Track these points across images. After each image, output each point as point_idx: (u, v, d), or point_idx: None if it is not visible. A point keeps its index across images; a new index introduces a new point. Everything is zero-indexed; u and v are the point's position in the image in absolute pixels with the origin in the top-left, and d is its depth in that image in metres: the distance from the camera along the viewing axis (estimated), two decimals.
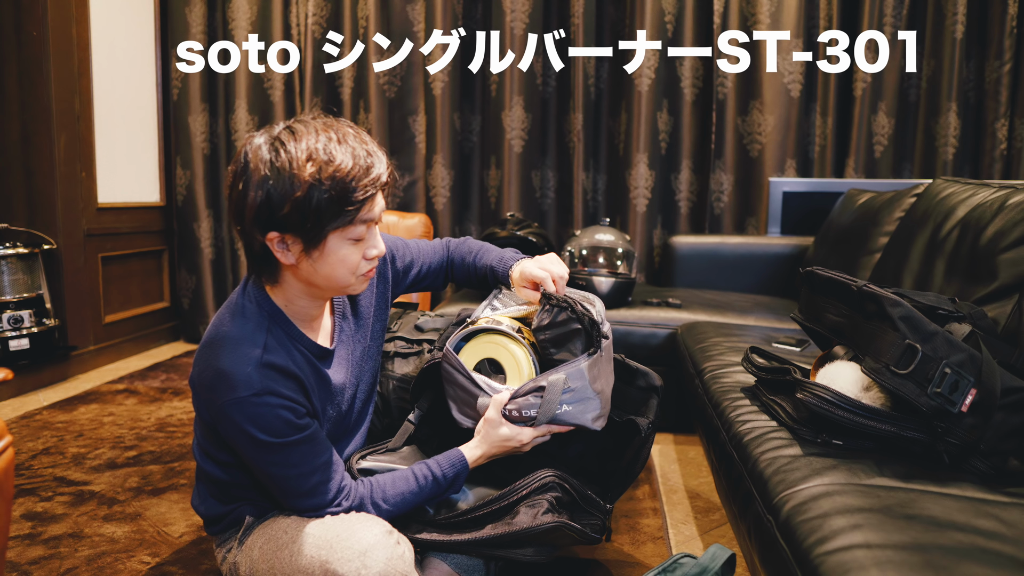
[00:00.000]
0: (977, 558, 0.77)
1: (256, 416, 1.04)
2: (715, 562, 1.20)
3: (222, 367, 1.05)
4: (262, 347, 1.07)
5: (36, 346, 2.74)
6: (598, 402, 1.20)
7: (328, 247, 1.05)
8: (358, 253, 1.09)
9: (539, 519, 1.15)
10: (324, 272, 1.08)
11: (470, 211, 3.54)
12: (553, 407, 1.16)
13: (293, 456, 1.08)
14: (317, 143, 1.02)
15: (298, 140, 1.02)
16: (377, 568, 1.02)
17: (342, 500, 1.13)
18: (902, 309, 1.05)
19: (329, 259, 1.06)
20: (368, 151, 1.06)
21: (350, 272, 1.09)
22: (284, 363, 1.09)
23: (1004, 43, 3.00)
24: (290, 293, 1.13)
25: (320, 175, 1.00)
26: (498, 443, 1.21)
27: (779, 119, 3.21)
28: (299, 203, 1.00)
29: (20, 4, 2.82)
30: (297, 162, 1.00)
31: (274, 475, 1.10)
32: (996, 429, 1.02)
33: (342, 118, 1.11)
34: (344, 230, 1.05)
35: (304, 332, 1.16)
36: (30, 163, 2.89)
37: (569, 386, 1.17)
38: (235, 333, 1.08)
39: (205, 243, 3.62)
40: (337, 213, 1.02)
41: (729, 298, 2.63)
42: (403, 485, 1.18)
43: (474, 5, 3.41)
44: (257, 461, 1.09)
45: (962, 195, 1.70)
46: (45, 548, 1.54)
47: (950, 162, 3.12)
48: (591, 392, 1.18)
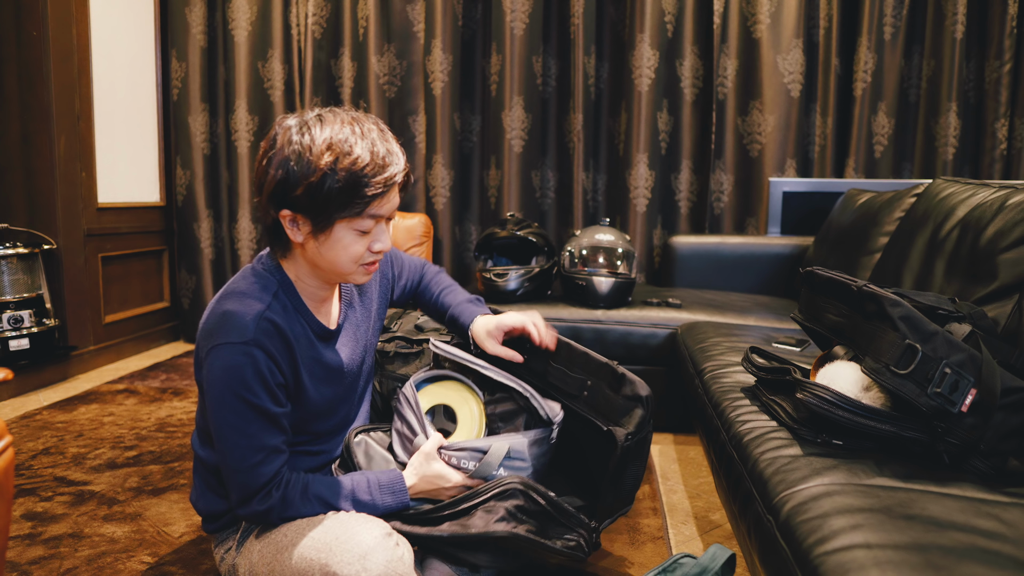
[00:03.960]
0: (977, 558, 0.77)
1: (237, 366, 1.06)
2: (715, 562, 1.20)
3: (225, 311, 1.09)
4: (266, 304, 1.11)
5: (36, 346, 2.74)
6: (530, 472, 1.26)
7: (334, 234, 1.09)
8: (363, 245, 1.11)
9: (491, 526, 1.13)
10: (328, 257, 1.11)
11: (470, 211, 3.54)
12: (490, 469, 1.21)
13: (252, 425, 1.08)
14: (340, 134, 1.06)
15: (323, 127, 1.06)
16: (377, 570, 1.02)
17: (272, 489, 1.11)
18: (902, 309, 1.05)
19: (334, 245, 1.10)
20: (388, 150, 1.09)
21: (352, 261, 1.12)
22: (283, 324, 1.12)
23: (1004, 43, 3.00)
24: (299, 269, 1.17)
25: (336, 164, 1.04)
26: (430, 478, 1.20)
27: (779, 119, 3.21)
28: (312, 187, 1.04)
29: (20, 4, 2.82)
30: (317, 148, 1.04)
31: (226, 438, 1.09)
32: (996, 429, 1.02)
33: (371, 115, 1.14)
34: (352, 220, 1.08)
35: (311, 311, 1.19)
36: (30, 163, 2.89)
37: (510, 455, 1.23)
38: (244, 288, 1.13)
39: (205, 243, 3.62)
40: (346, 204, 1.06)
41: (729, 298, 2.63)
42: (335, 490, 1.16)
43: (474, 5, 3.41)
44: (218, 417, 1.09)
45: (962, 195, 1.70)
46: (45, 548, 1.54)
47: (950, 162, 3.12)
48: (528, 464, 1.25)
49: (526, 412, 1.31)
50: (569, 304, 2.46)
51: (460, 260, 3.54)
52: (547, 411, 1.31)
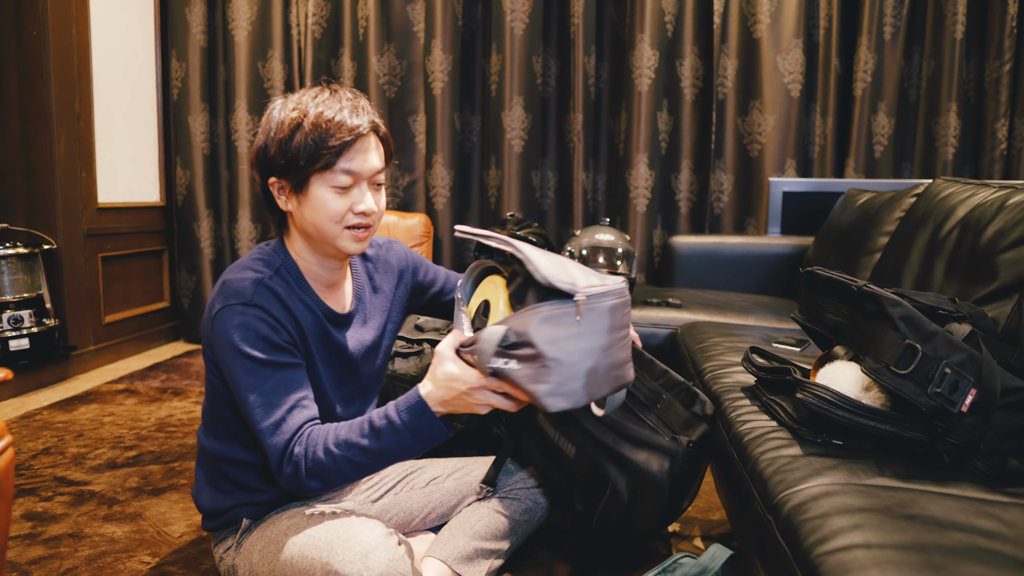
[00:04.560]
0: (977, 558, 0.77)
1: (242, 324, 1.09)
2: (715, 562, 1.20)
3: (224, 281, 1.14)
4: (265, 275, 1.15)
5: (36, 346, 2.74)
6: (555, 373, 0.95)
7: (311, 191, 1.12)
8: (343, 203, 1.13)
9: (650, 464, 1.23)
10: (310, 217, 1.14)
11: (470, 211, 3.54)
12: (488, 356, 0.96)
13: (266, 383, 1.09)
14: (312, 99, 1.13)
15: (301, 96, 1.14)
16: (379, 569, 1.02)
17: (294, 446, 1.07)
18: (902, 309, 1.05)
19: (313, 204, 1.13)
20: (356, 107, 1.14)
21: (333, 220, 1.13)
22: (283, 294, 1.14)
23: (1004, 43, 3.00)
24: (297, 246, 1.20)
25: (303, 120, 1.10)
26: (443, 382, 1.04)
27: (779, 119, 3.21)
28: (282, 144, 1.11)
29: (20, 4, 2.82)
30: (288, 111, 1.13)
31: (246, 400, 1.09)
32: (996, 429, 1.02)
33: (357, 91, 1.19)
34: (324, 175, 1.11)
35: (318, 294, 1.21)
36: (30, 163, 2.89)
37: (513, 337, 0.96)
38: (245, 263, 1.18)
39: (205, 243, 3.62)
40: (314, 155, 1.10)
41: (729, 298, 2.63)
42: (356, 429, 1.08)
43: (474, 5, 3.41)
44: (234, 381, 1.10)
45: (962, 195, 1.70)
46: (45, 548, 1.54)
47: (950, 162, 3.12)
48: (547, 355, 0.94)
49: (531, 284, 1.03)
50: None
51: (460, 260, 3.54)
52: (545, 275, 0.97)
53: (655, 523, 1.31)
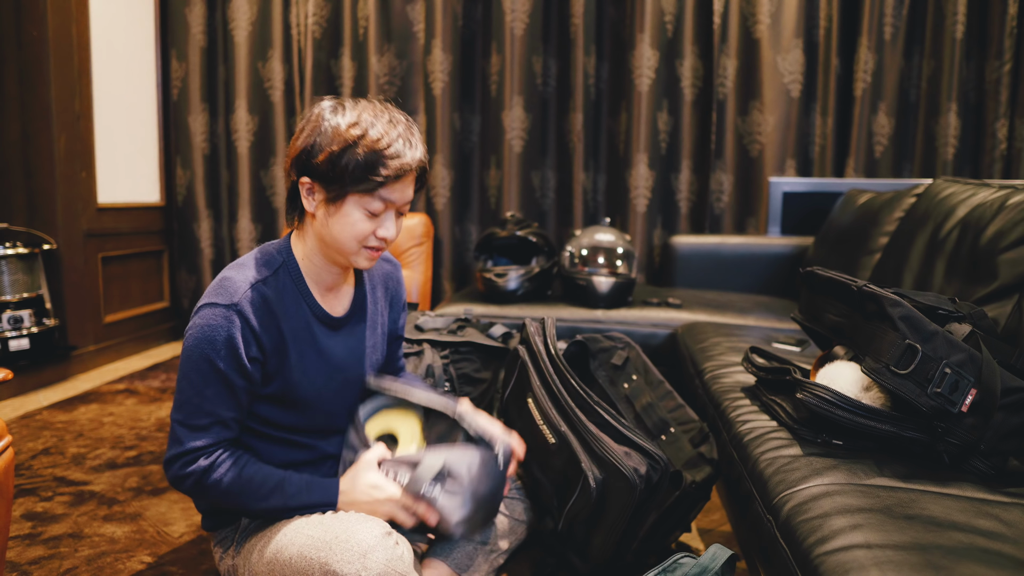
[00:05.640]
0: (977, 558, 0.77)
1: (214, 326, 1.11)
2: (715, 562, 1.20)
3: (221, 277, 1.15)
4: (262, 276, 1.16)
5: (36, 346, 2.74)
6: (470, 508, 1.13)
7: (345, 207, 1.13)
8: (369, 226, 1.14)
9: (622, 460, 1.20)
10: (334, 230, 1.15)
11: (470, 211, 3.54)
12: (421, 483, 1.12)
13: (209, 388, 1.12)
14: (369, 115, 1.13)
15: (356, 108, 1.14)
16: (377, 569, 1.02)
17: (200, 457, 1.13)
18: (902, 309, 1.05)
19: (342, 219, 1.13)
20: (411, 141, 1.15)
21: (355, 240, 1.15)
22: (272, 297, 1.16)
23: (1004, 43, 3.00)
24: (308, 245, 1.21)
25: (359, 140, 1.10)
26: (364, 488, 1.15)
27: (779, 119, 3.21)
28: (332, 156, 1.10)
29: (20, 4, 2.82)
30: (345, 123, 1.12)
31: (182, 391, 1.13)
32: (996, 429, 1.02)
33: (408, 117, 1.21)
34: (363, 197, 1.12)
35: (315, 296, 1.22)
36: (30, 163, 2.89)
37: (446, 471, 1.13)
38: (245, 260, 1.19)
39: (205, 243, 3.62)
40: (361, 179, 1.10)
41: (729, 298, 2.63)
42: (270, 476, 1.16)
43: (474, 5, 3.41)
44: (182, 369, 1.13)
45: (962, 195, 1.70)
46: (45, 548, 1.54)
47: (950, 162, 3.12)
48: (467, 492, 1.13)
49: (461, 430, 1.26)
50: (569, 304, 2.46)
51: (460, 260, 3.55)
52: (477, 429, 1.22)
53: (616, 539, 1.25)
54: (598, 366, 1.70)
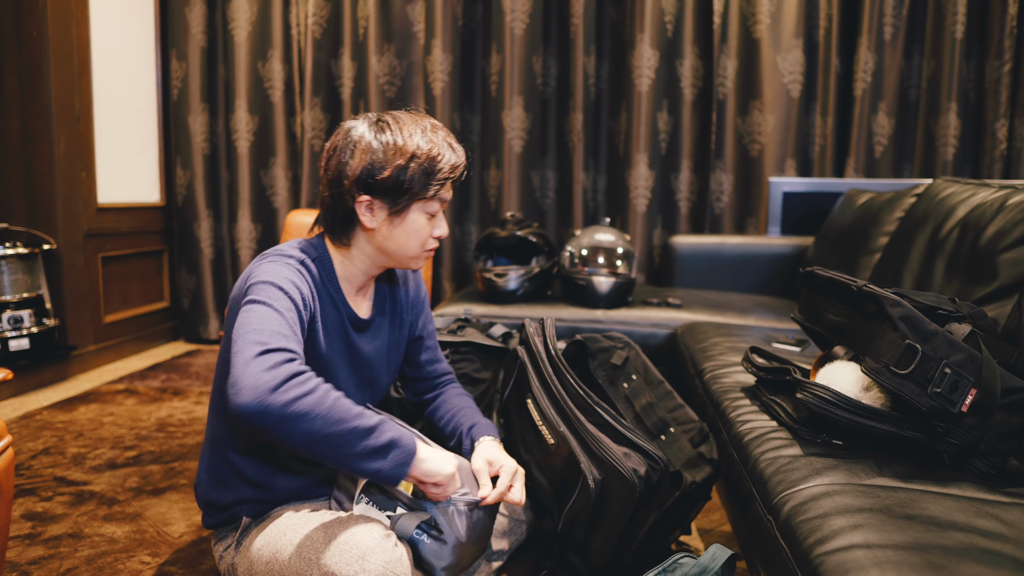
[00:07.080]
0: (977, 558, 0.77)
1: (285, 268, 1.16)
2: (715, 562, 1.20)
3: (267, 252, 1.21)
4: (308, 257, 1.23)
5: (36, 346, 2.74)
6: (452, 559, 1.16)
7: (409, 216, 1.21)
8: (429, 228, 1.24)
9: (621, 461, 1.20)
10: (400, 239, 1.22)
11: (470, 211, 3.54)
12: (409, 529, 1.11)
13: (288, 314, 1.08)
14: (416, 127, 1.21)
15: (400, 124, 1.20)
16: (376, 571, 1.02)
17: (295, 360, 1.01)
18: (902, 309, 1.05)
19: (407, 227, 1.21)
20: (451, 143, 1.24)
21: (420, 244, 1.23)
22: (314, 281, 1.21)
23: (1004, 43, 3.00)
24: (354, 252, 1.25)
25: (418, 151, 1.18)
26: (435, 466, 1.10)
27: (779, 119, 3.21)
28: (397, 171, 1.17)
29: (20, 4, 2.82)
30: (403, 139, 1.18)
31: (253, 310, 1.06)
32: (996, 429, 1.02)
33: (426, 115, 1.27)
34: (424, 202, 1.21)
35: (345, 294, 1.26)
36: (30, 163, 2.89)
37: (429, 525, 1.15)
38: (287, 248, 1.23)
39: (205, 243, 3.62)
40: (424, 186, 1.19)
41: (729, 298, 2.63)
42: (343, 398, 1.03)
43: (474, 5, 3.41)
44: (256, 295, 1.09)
45: (962, 195, 1.70)
46: (45, 548, 1.54)
47: (950, 162, 3.12)
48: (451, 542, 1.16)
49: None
50: (569, 304, 2.46)
51: (460, 260, 3.55)
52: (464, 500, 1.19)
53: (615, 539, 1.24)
54: (598, 366, 1.70)
